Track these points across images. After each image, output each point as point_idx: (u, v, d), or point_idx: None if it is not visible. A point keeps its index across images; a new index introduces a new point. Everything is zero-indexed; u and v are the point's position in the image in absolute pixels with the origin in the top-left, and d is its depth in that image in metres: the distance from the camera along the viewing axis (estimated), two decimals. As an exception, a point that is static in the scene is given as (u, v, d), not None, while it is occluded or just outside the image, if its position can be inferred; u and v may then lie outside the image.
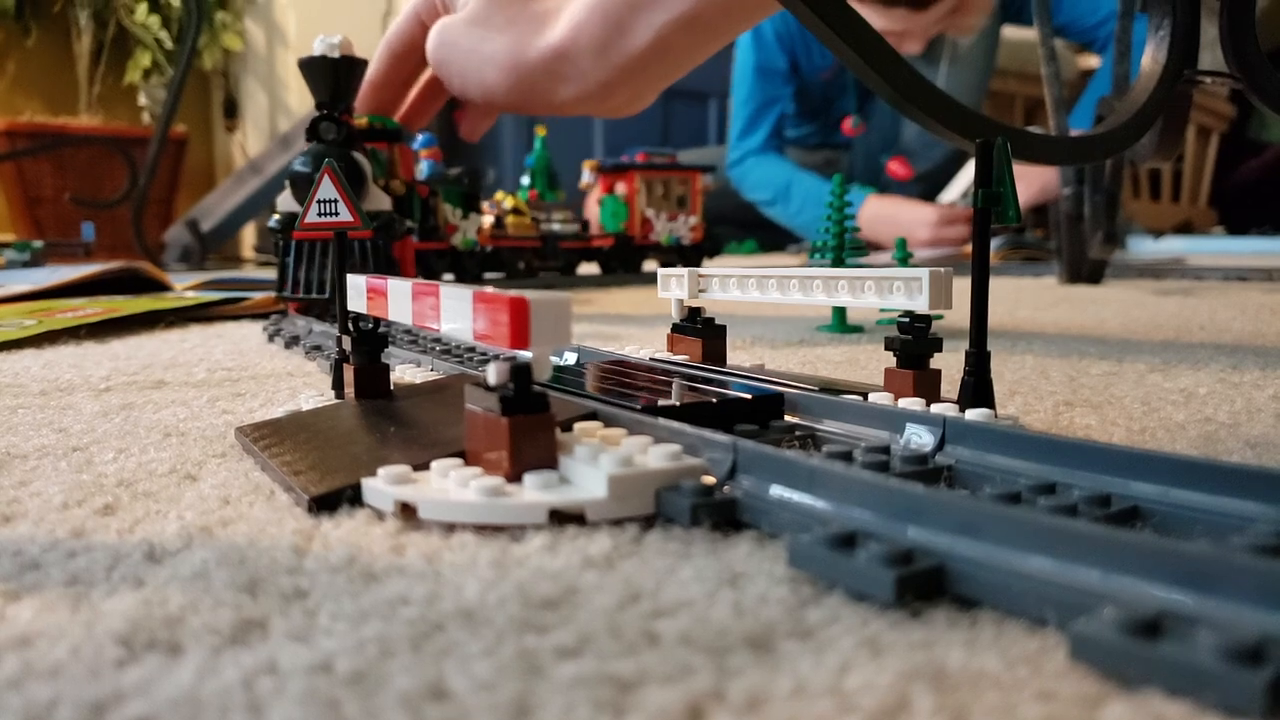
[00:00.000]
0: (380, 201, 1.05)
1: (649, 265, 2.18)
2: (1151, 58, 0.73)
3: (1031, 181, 2.84)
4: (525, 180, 2.16)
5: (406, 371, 0.65)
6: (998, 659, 0.25)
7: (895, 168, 3.15)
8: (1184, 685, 0.22)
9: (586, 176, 2.14)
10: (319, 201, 0.56)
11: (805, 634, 0.27)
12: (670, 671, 0.24)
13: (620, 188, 2.08)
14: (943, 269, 0.49)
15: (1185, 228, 4.23)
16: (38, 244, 2.63)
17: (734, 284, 0.63)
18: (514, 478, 0.38)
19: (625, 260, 2.08)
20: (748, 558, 0.33)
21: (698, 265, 2.10)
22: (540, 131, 2.16)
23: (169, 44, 3.97)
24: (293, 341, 0.92)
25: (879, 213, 3.16)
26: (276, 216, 1.04)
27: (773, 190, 3.50)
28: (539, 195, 2.12)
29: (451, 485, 0.38)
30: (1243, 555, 0.25)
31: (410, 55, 1.22)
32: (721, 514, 0.36)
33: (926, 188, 3.59)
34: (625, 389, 0.51)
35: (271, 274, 1.39)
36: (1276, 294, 1.55)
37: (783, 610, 0.28)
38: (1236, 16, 0.70)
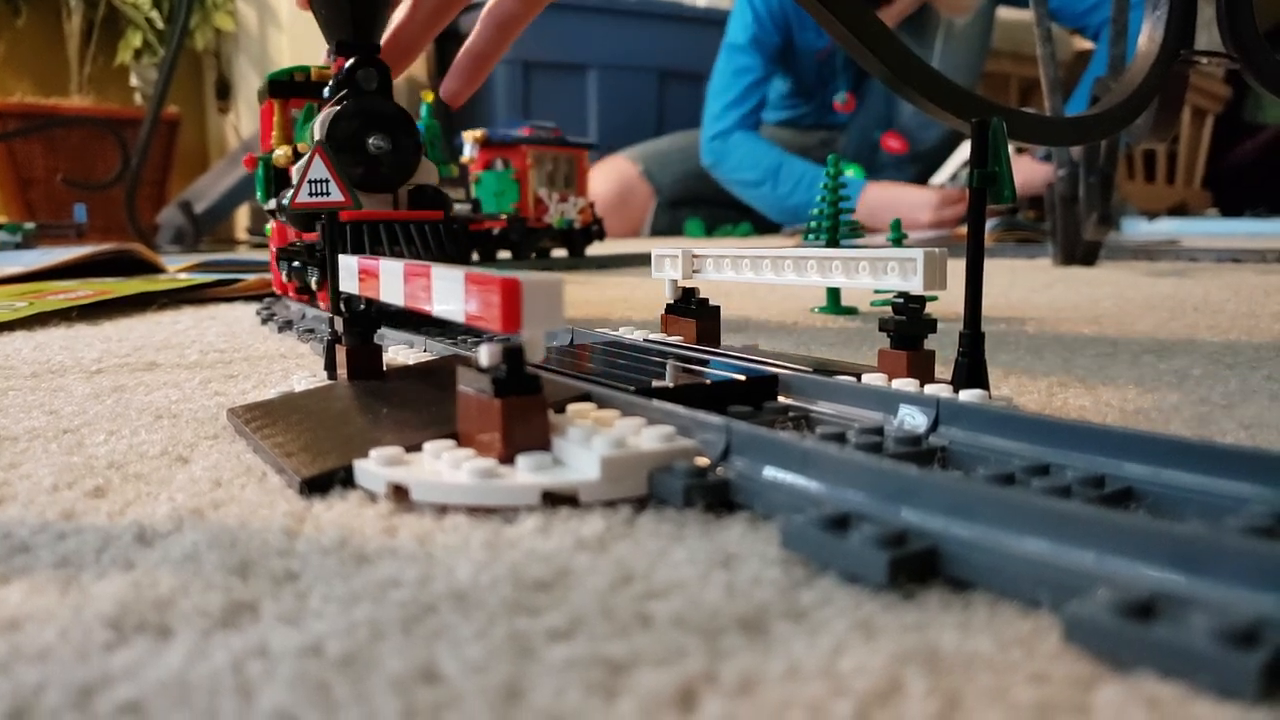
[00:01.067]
0: (429, 175, 0.85)
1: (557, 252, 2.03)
2: (1148, 37, 0.73)
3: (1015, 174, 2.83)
4: None
5: (400, 352, 0.65)
6: (991, 641, 0.25)
7: (891, 142, 3.14)
8: (1178, 667, 0.22)
9: (469, 150, 1.96)
10: (310, 181, 0.56)
11: (798, 616, 0.27)
12: (663, 653, 0.24)
13: (500, 164, 1.94)
14: (937, 249, 0.49)
15: (1180, 209, 4.23)
16: (29, 226, 2.62)
17: (728, 264, 0.63)
18: (506, 459, 0.38)
19: (518, 246, 1.91)
20: (741, 539, 0.33)
21: (582, 255, 2.02)
22: (426, 97, 1.72)
23: (160, 24, 3.96)
24: (286, 325, 0.92)
25: (880, 197, 3.16)
26: None
27: (760, 171, 3.48)
28: None
29: (444, 467, 0.38)
30: (1236, 537, 0.25)
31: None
32: (715, 495, 0.36)
33: (922, 169, 3.59)
34: (618, 370, 0.51)
35: (266, 256, 1.33)
36: (1270, 275, 1.55)
37: (776, 592, 0.28)
38: (1233, -4, 0.70)
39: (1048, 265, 1.86)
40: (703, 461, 0.38)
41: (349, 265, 0.56)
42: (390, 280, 0.49)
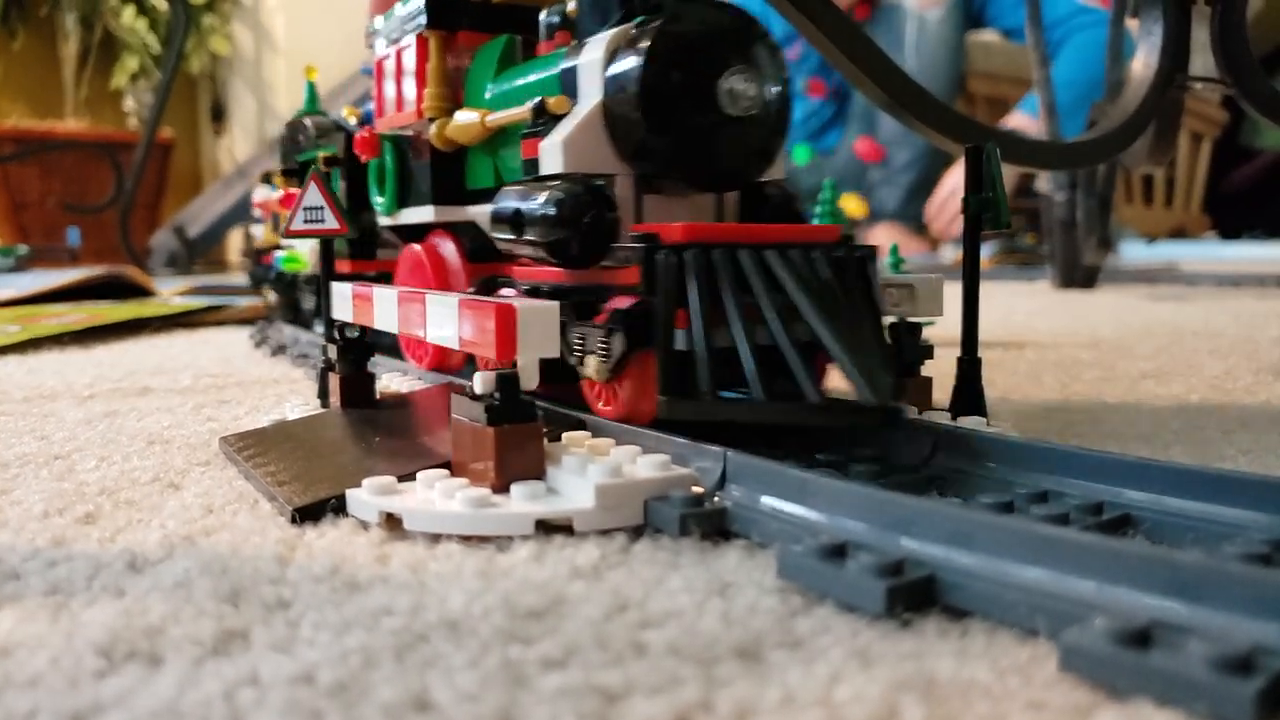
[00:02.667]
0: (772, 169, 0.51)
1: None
2: (1143, 63, 0.73)
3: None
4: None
5: (393, 380, 0.64)
6: (988, 669, 0.25)
7: (862, 148, 3.10)
8: (1175, 695, 0.22)
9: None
10: (305, 209, 0.55)
11: (795, 644, 0.26)
12: (658, 682, 0.24)
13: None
14: (933, 275, 0.49)
15: (1178, 233, 4.24)
16: (23, 249, 2.62)
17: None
18: (500, 488, 0.38)
19: None
20: (737, 567, 0.33)
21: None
22: (310, 75, 1.17)
23: (156, 48, 3.96)
24: (279, 349, 0.92)
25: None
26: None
27: None
28: None
29: (437, 496, 0.38)
30: (1234, 564, 0.25)
31: None
32: (711, 524, 0.36)
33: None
34: None
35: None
36: (1269, 300, 1.55)
37: (772, 620, 0.28)
38: (1227, 21, 0.70)
39: (1047, 288, 1.86)
40: (699, 490, 0.38)
41: (342, 292, 0.55)
42: (384, 306, 0.49)
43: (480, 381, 0.39)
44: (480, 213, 0.56)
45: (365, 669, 0.25)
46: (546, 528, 0.36)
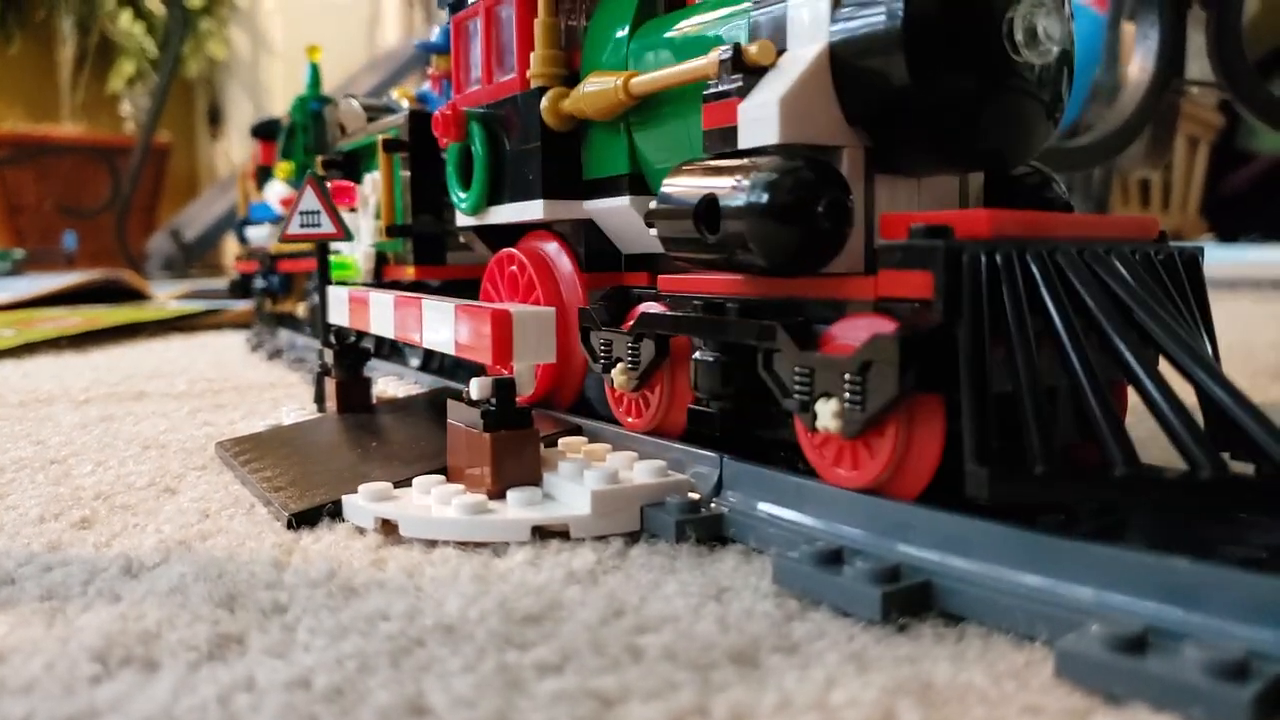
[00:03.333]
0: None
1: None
2: (1139, 67, 0.73)
3: None
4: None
5: (389, 384, 0.64)
6: (984, 674, 0.25)
7: None
8: (1171, 700, 0.22)
9: None
10: (301, 213, 0.55)
11: (791, 649, 0.26)
12: (654, 687, 0.24)
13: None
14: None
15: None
16: (19, 253, 2.62)
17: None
18: (496, 494, 0.38)
19: None
20: (734, 572, 0.33)
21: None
22: (313, 55, 1.06)
23: (153, 52, 3.96)
24: (275, 353, 0.92)
25: None
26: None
27: None
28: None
29: (433, 502, 0.38)
30: (1230, 570, 0.25)
31: None
32: (708, 530, 0.35)
33: None
34: None
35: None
36: (1266, 304, 1.55)
37: (768, 625, 0.28)
38: (1223, 26, 0.70)
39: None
40: (694, 495, 0.38)
41: (339, 295, 0.55)
42: (380, 311, 0.49)
43: (476, 387, 0.38)
44: (604, 208, 0.46)
45: (361, 674, 0.25)
46: (543, 533, 0.36)
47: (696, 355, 0.39)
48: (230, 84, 4.32)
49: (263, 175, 1.09)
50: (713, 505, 0.37)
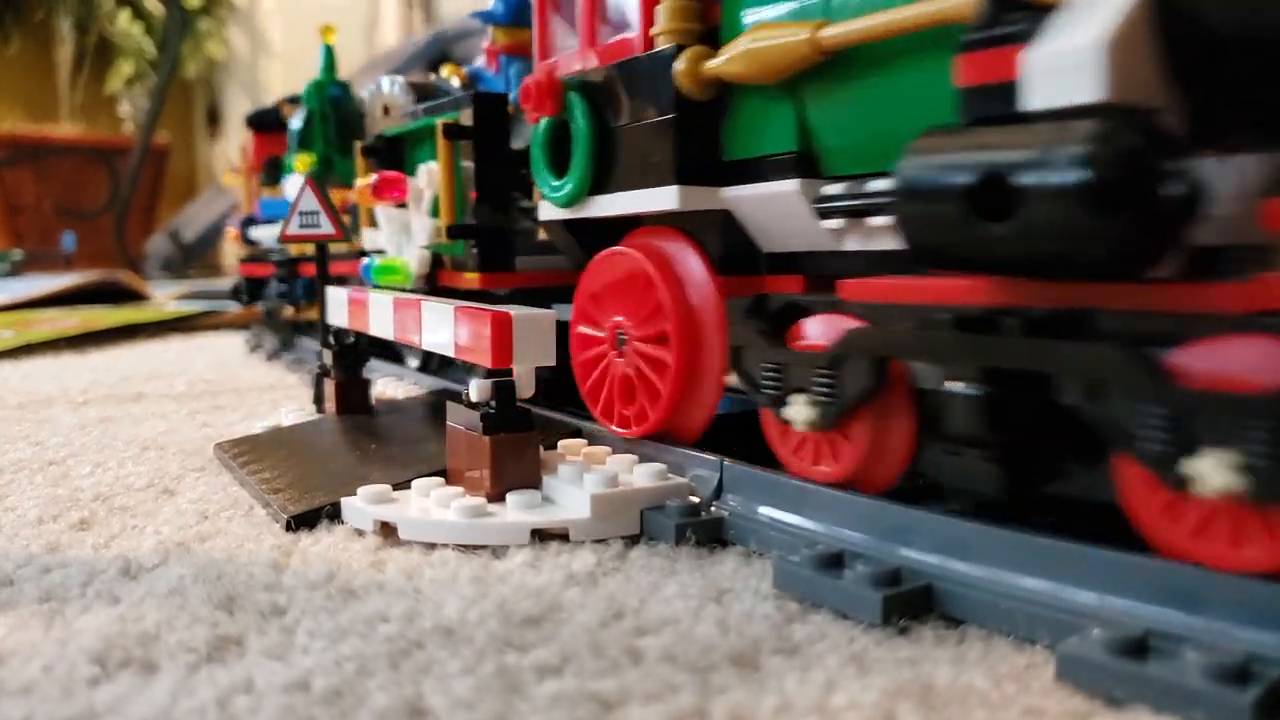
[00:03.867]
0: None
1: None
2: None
3: None
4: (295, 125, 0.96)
5: (389, 386, 0.64)
6: (985, 676, 0.25)
7: None
8: (1172, 704, 0.22)
9: None
10: (301, 214, 0.55)
11: (791, 651, 0.26)
12: (653, 689, 0.24)
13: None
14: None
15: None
16: (18, 254, 2.61)
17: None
18: (496, 497, 0.37)
19: None
20: (734, 574, 0.33)
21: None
22: (327, 36, 0.99)
23: (151, 52, 3.96)
24: (274, 354, 0.92)
25: None
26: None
27: None
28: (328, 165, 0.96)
29: (432, 505, 0.37)
30: (1231, 574, 0.25)
31: None
32: (708, 533, 0.35)
33: None
34: None
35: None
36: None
37: (768, 627, 0.28)
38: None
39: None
40: (695, 499, 0.37)
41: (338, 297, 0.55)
42: (379, 312, 0.49)
43: (476, 389, 0.38)
44: (757, 195, 0.38)
45: (360, 676, 0.25)
46: (542, 535, 0.36)
47: (948, 387, 0.31)
48: (229, 84, 4.32)
49: (272, 168, 1.02)
50: (713, 508, 0.37)
